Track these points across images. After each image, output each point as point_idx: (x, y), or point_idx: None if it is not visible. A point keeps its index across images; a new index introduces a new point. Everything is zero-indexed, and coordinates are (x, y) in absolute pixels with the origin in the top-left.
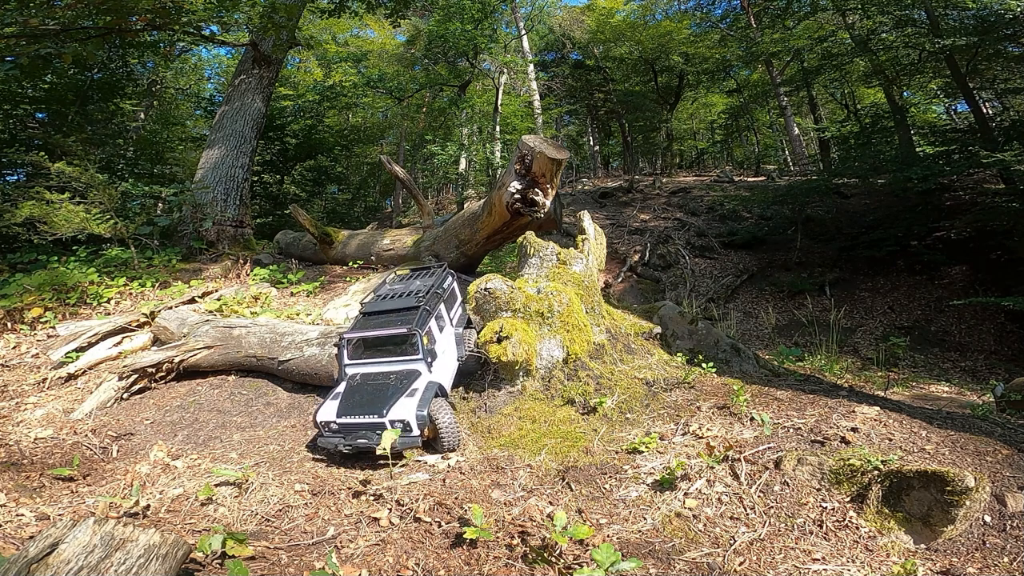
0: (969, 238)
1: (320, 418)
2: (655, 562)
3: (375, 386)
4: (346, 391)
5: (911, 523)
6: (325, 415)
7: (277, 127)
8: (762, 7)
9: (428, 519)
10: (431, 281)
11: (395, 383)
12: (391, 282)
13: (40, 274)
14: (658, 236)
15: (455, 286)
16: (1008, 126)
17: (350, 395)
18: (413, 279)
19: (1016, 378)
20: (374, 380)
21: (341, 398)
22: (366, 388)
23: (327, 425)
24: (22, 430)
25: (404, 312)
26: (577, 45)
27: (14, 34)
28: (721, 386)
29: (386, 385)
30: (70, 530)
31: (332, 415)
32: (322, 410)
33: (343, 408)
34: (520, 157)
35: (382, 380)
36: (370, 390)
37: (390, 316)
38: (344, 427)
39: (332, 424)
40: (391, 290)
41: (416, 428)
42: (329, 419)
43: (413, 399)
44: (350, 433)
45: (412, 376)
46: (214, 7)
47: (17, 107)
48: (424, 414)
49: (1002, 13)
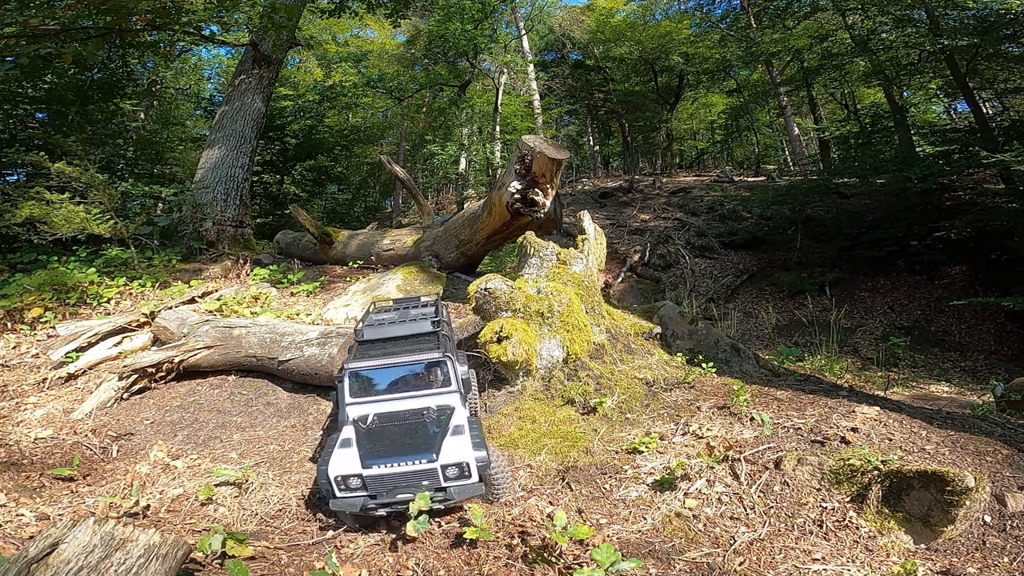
0: (969, 238)
1: (335, 472)
2: (655, 562)
3: (406, 426)
4: (361, 436)
5: (911, 523)
6: (341, 467)
7: (277, 127)
8: (762, 7)
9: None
10: (429, 309)
11: (433, 420)
12: (376, 311)
13: (40, 274)
14: (658, 236)
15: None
16: (1008, 126)
17: (371, 439)
18: (406, 308)
19: (1016, 378)
20: (401, 419)
21: (357, 444)
22: (392, 429)
23: (345, 481)
24: (22, 430)
25: (419, 338)
26: (577, 45)
27: (14, 34)
28: (721, 386)
29: (421, 423)
30: (70, 530)
31: (354, 466)
32: (334, 462)
33: (368, 454)
34: (520, 157)
35: (412, 418)
36: (400, 431)
37: (401, 343)
38: (376, 480)
39: (354, 478)
40: (385, 317)
41: (476, 472)
42: (350, 471)
43: (463, 437)
44: (385, 486)
45: (447, 412)
46: (214, 7)
47: (17, 107)
48: (485, 455)
49: (1002, 13)
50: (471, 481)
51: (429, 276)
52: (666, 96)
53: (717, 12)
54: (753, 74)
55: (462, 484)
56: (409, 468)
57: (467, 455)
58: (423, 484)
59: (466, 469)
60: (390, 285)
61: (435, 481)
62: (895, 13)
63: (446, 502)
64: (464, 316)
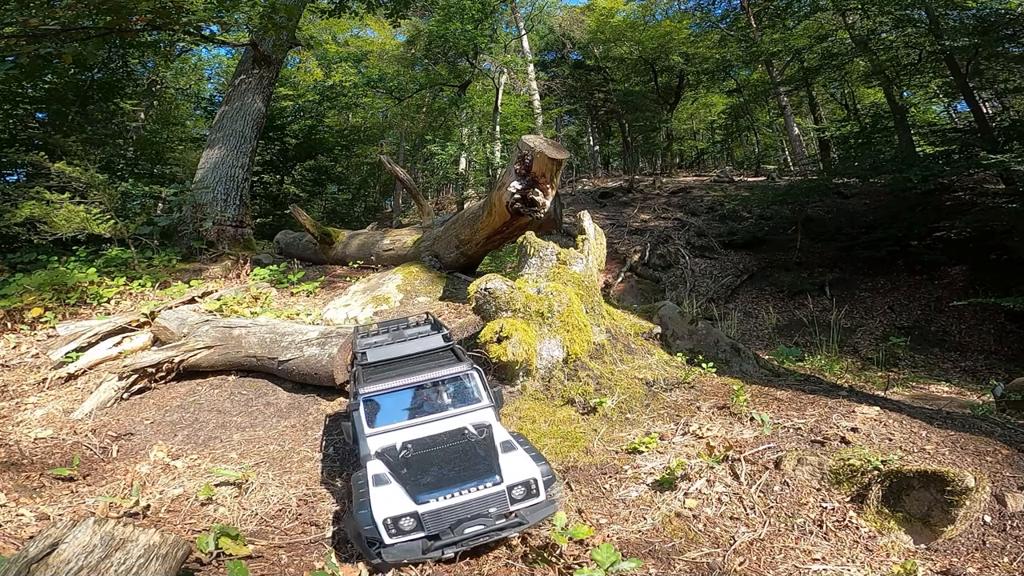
0: (969, 238)
1: (384, 515)
2: (655, 562)
3: (450, 450)
4: (397, 469)
5: (911, 523)
6: (389, 508)
7: (277, 127)
8: (762, 7)
9: None
10: (425, 327)
11: (477, 440)
12: (363, 335)
13: (40, 274)
14: (658, 236)
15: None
16: (1008, 126)
17: (413, 471)
18: (397, 328)
19: (1016, 378)
20: (439, 443)
21: (397, 479)
22: (435, 456)
23: (396, 523)
24: (22, 430)
25: (433, 354)
26: (577, 45)
27: (14, 34)
28: (721, 386)
29: (466, 445)
30: (70, 530)
31: (404, 504)
32: (377, 504)
33: (419, 488)
34: (520, 157)
35: (452, 440)
36: (444, 457)
37: (413, 361)
38: (435, 516)
39: (406, 518)
40: (380, 339)
41: (543, 490)
42: (401, 511)
43: (518, 452)
44: (446, 522)
45: (486, 429)
46: (214, 7)
47: (17, 107)
48: (548, 468)
49: (1002, 13)
50: (540, 499)
51: (429, 276)
52: (666, 96)
53: (717, 12)
54: (753, 74)
55: (531, 504)
56: (473, 496)
57: (532, 471)
58: (490, 512)
59: (533, 487)
60: (390, 285)
61: (502, 507)
62: (895, 13)
63: (520, 527)
64: (464, 316)
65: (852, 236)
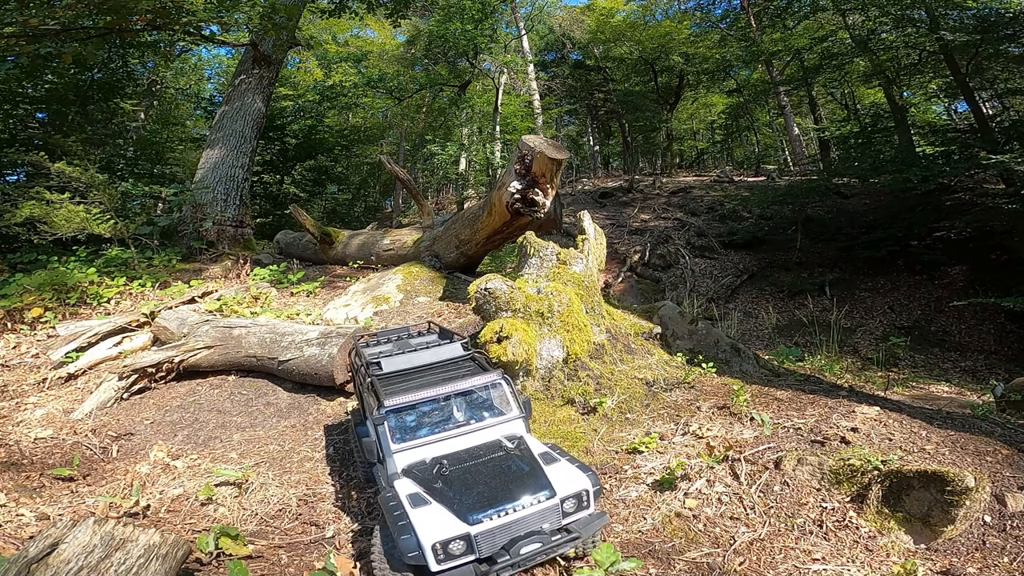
0: (969, 238)
1: (432, 540)
2: (655, 562)
3: (491, 464)
4: (437, 487)
5: (911, 523)
6: (436, 531)
7: (277, 127)
8: (762, 7)
9: None
10: (432, 336)
11: (516, 453)
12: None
13: (40, 274)
14: (658, 236)
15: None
16: (1008, 126)
17: (456, 489)
18: (400, 339)
19: (1016, 378)
20: (477, 457)
21: (438, 498)
22: (477, 471)
23: (445, 548)
24: (22, 430)
25: (453, 364)
26: (577, 45)
27: (14, 34)
28: (721, 386)
29: (506, 457)
30: (70, 530)
31: (453, 526)
32: (422, 528)
33: (467, 507)
34: (520, 157)
35: (490, 453)
36: (487, 472)
37: (433, 371)
38: (488, 536)
39: (456, 541)
40: (389, 347)
41: (593, 501)
42: (450, 534)
43: (562, 463)
44: (500, 542)
45: (520, 441)
46: (214, 7)
47: (17, 107)
48: (596, 477)
49: (1002, 12)
50: (591, 511)
51: (429, 276)
52: (666, 96)
53: (717, 12)
54: (753, 74)
55: (583, 516)
56: (526, 512)
57: (583, 482)
58: (544, 528)
59: (584, 499)
60: (390, 285)
61: (556, 521)
62: (895, 13)
63: (575, 541)
64: (464, 316)
65: (852, 236)
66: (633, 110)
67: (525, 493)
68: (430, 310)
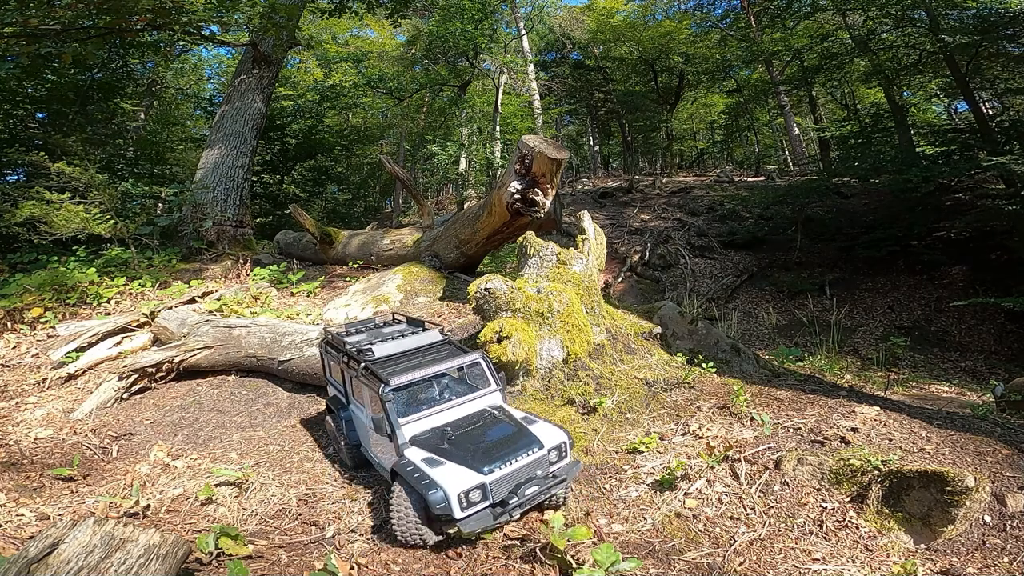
0: (969, 238)
1: (457, 490)
2: (655, 562)
3: (484, 427)
4: (446, 449)
5: (911, 523)
6: (459, 483)
7: (277, 127)
8: (762, 7)
9: None
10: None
11: (501, 418)
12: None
13: (40, 274)
14: (658, 236)
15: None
16: (1008, 126)
17: (464, 449)
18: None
19: (1016, 378)
20: (472, 424)
21: (450, 458)
22: (475, 434)
23: (467, 496)
24: (22, 430)
25: (434, 348)
26: (577, 45)
27: (14, 34)
28: (721, 386)
29: (495, 421)
30: (70, 530)
31: (472, 477)
32: (446, 482)
33: (480, 462)
34: (520, 157)
35: (481, 420)
36: (483, 434)
37: (419, 355)
38: (499, 483)
39: (475, 490)
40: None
41: (569, 452)
42: (471, 484)
43: (541, 423)
44: (509, 487)
45: (502, 409)
46: (214, 7)
47: (17, 107)
48: (568, 433)
49: (1002, 12)
50: (568, 460)
51: (429, 276)
52: (666, 96)
53: (717, 12)
54: (753, 74)
55: (565, 464)
56: (524, 462)
57: (561, 436)
58: (537, 474)
59: (564, 449)
60: (390, 285)
61: (545, 468)
62: (895, 13)
63: (563, 483)
64: (464, 316)
65: (852, 236)
66: (633, 110)
67: (520, 447)
68: (430, 310)
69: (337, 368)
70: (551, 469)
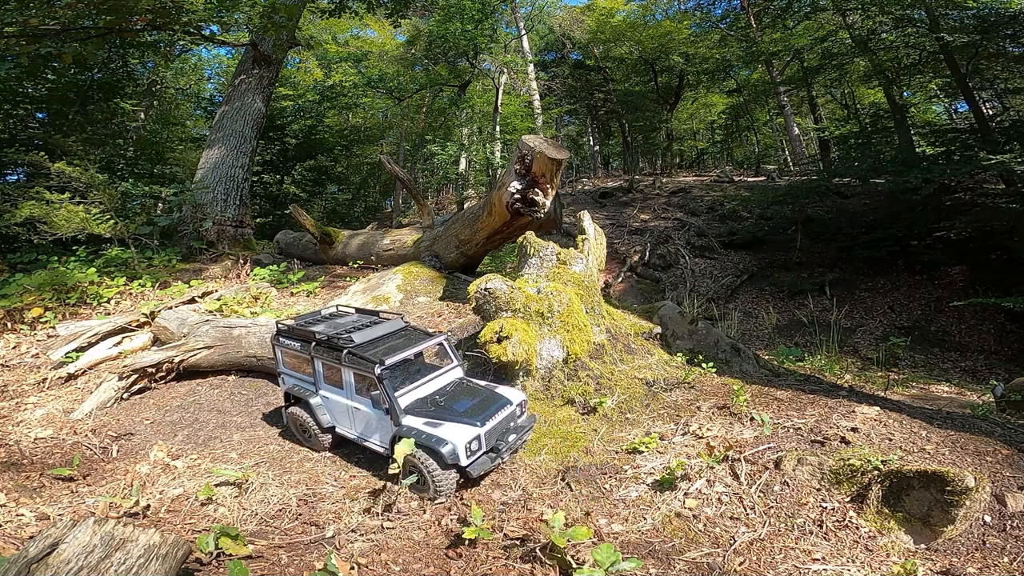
0: (969, 238)
1: (463, 441)
2: (655, 562)
3: (462, 393)
4: (442, 411)
5: (911, 523)
6: (463, 436)
7: (277, 127)
8: (762, 7)
9: (428, 518)
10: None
11: (466, 385)
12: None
13: (40, 274)
14: (658, 236)
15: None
16: (1008, 126)
17: (455, 411)
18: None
19: (1016, 378)
20: (451, 391)
21: (446, 418)
22: (459, 398)
23: (469, 446)
24: (22, 430)
25: (402, 333)
26: (577, 45)
27: (14, 34)
28: (721, 386)
29: (469, 387)
30: (70, 530)
31: (472, 430)
32: (452, 436)
33: (473, 417)
34: (520, 157)
35: (458, 387)
36: (463, 398)
37: (394, 339)
38: (491, 433)
39: (475, 440)
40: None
41: (525, 409)
42: (472, 435)
43: (503, 386)
44: (497, 435)
45: (468, 380)
46: (214, 7)
47: (17, 107)
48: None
49: (1002, 12)
50: (528, 414)
51: (429, 276)
52: (666, 96)
53: (717, 12)
54: (753, 74)
55: (526, 417)
56: (503, 415)
57: (520, 395)
58: (512, 425)
59: (524, 406)
60: (390, 285)
61: (515, 420)
62: (895, 13)
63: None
64: (464, 316)
65: (852, 236)
66: (633, 110)
67: (497, 405)
68: (430, 310)
69: (299, 359)
70: (519, 421)
